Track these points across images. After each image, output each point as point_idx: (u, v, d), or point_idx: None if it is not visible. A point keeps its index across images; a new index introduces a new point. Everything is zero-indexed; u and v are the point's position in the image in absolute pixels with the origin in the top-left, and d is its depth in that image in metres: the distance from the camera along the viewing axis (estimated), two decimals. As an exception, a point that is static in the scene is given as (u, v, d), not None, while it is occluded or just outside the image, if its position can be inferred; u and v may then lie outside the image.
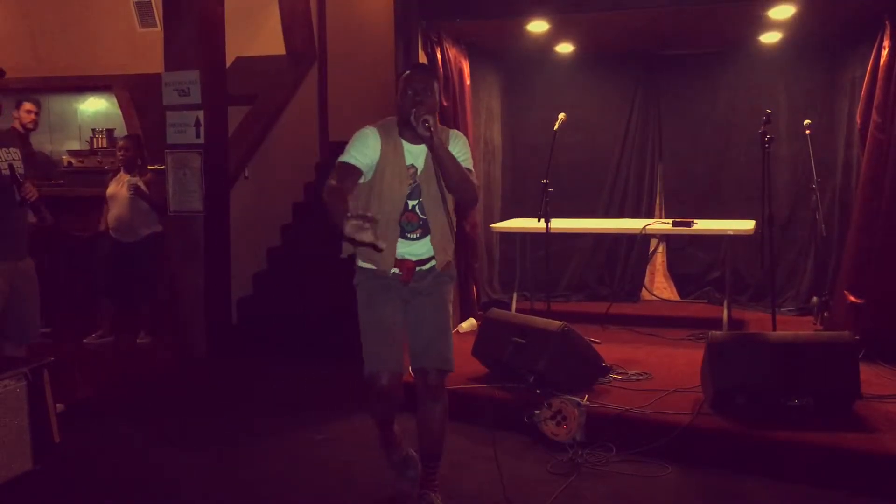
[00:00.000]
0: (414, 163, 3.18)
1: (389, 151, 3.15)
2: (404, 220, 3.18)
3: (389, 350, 3.22)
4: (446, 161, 3.06)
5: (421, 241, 3.21)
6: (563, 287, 7.07)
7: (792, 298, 6.49)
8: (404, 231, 3.19)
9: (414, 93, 3.09)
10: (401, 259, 3.20)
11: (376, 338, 3.23)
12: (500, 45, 6.45)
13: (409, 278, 3.21)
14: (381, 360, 3.20)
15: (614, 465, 3.79)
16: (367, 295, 3.26)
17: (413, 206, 3.19)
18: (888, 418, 3.91)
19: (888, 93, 4.80)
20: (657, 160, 6.99)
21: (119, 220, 5.99)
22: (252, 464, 3.97)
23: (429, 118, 2.98)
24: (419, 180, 3.18)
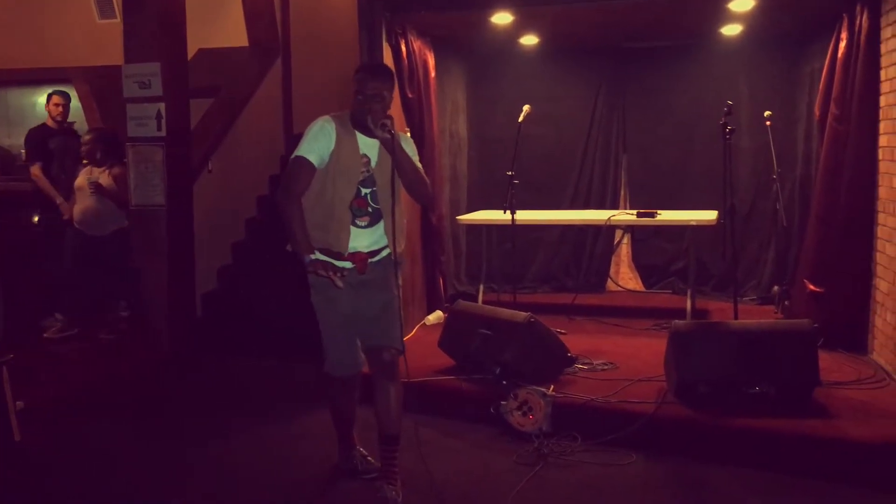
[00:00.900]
0: (367, 153, 3.27)
1: (345, 141, 3.24)
2: (355, 205, 3.25)
3: (349, 348, 3.36)
4: (403, 162, 3.21)
5: (370, 229, 3.29)
6: (529, 278, 7.10)
7: (754, 288, 6.59)
8: (353, 217, 3.26)
9: (364, 98, 3.18)
10: (353, 252, 3.27)
11: (336, 338, 3.36)
12: (465, 38, 6.44)
13: (364, 270, 3.29)
14: (341, 354, 3.36)
15: (580, 454, 3.82)
16: (324, 293, 3.31)
17: (365, 194, 3.27)
18: (847, 405, 3.99)
19: (846, 85, 4.88)
20: (622, 152, 7.04)
21: (85, 212, 5.89)
22: (221, 461, 3.94)
23: (387, 121, 3.11)
24: (373, 171, 3.27)
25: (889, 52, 4.52)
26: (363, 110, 3.17)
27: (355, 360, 3.41)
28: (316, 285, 3.34)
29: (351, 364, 3.41)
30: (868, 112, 4.70)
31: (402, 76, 5.43)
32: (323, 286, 3.28)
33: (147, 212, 5.60)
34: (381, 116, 3.13)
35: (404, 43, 5.46)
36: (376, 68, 3.45)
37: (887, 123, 4.56)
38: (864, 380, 4.36)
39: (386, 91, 3.23)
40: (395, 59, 5.37)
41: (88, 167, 5.95)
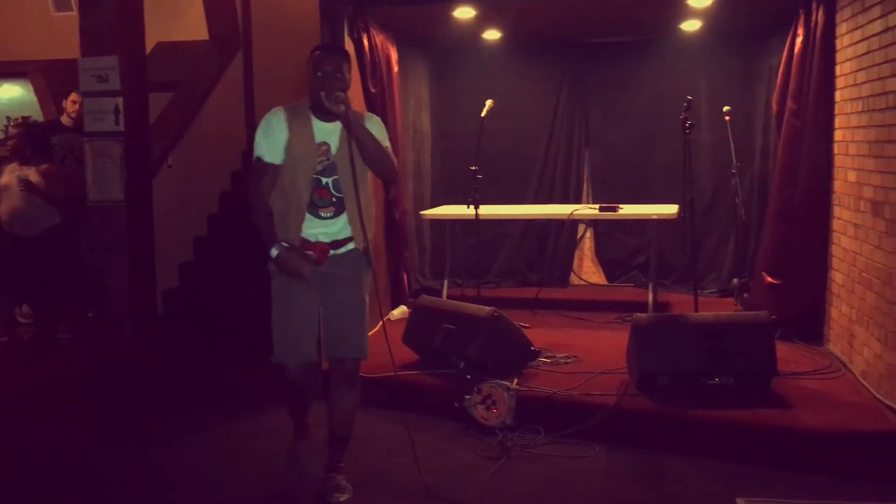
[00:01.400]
0: (327, 140, 3.19)
1: (298, 129, 3.16)
2: (316, 196, 3.18)
3: (299, 340, 3.25)
4: (361, 136, 3.09)
5: (335, 219, 3.21)
6: (493, 273, 7.12)
7: (714, 280, 6.68)
8: (317, 208, 3.19)
9: (323, 75, 3.09)
10: (314, 241, 3.20)
11: (286, 328, 3.26)
12: (428, 32, 6.43)
13: (322, 261, 3.19)
14: (289, 351, 3.26)
15: (543, 447, 3.85)
16: (281, 283, 3.24)
17: (326, 183, 3.19)
18: (804, 394, 4.06)
19: (802, 81, 4.96)
20: (584, 146, 7.08)
21: (12, 213, 5.78)
22: (185, 459, 3.90)
23: (341, 94, 3.01)
24: (334, 158, 3.18)
25: (844, 48, 4.60)
26: (320, 88, 3.07)
27: (303, 352, 3.28)
28: (276, 273, 3.26)
29: (296, 349, 3.27)
30: (824, 107, 4.79)
31: (365, 71, 5.41)
32: (282, 280, 3.22)
33: (105, 208, 5.52)
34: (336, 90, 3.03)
35: (367, 37, 5.43)
36: (333, 46, 3.33)
37: (842, 118, 4.65)
38: (820, 370, 4.44)
39: (345, 68, 3.15)
40: (358, 54, 5.34)
41: (13, 165, 5.85)
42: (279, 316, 3.28)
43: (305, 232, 3.20)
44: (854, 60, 4.41)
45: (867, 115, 4.19)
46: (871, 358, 4.12)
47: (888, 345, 3.86)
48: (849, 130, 4.51)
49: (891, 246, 3.83)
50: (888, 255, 3.86)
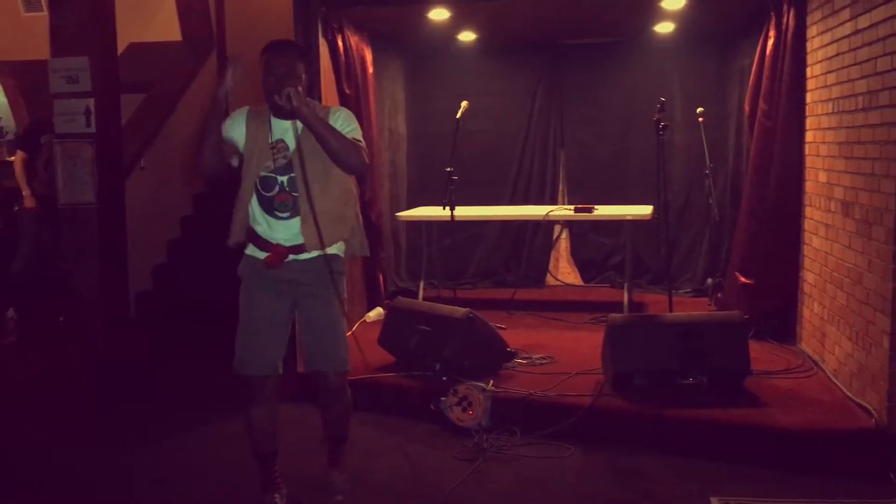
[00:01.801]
0: (284, 138, 3.09)
1: (255, 128, 3.10)
2: (278, 201, 3.07)
3: (260, 352, 3.12)
4: (319, 128, 2.96)
5: (293, 220, 3.07)
6: (469, 274, 7.12)
7: (688, 280, 6.73)
8: (273, 211, 3.09)
9: (276, 80, 2.99)
10: (274, 244, 3.08)
11: (248, 338, 3.14)
12: (403, 33, 6.42)
13: (276, 264, 3.07)
14: (251, 361, 3.13)
15: (519, 448, 3.85)
16: (247, 290, 3.16)
17: (282, 183, 3.07)
18: (777, 393, 4.10)
19: (774, 81, 5.01)
20: (560, 147, 7.11)
21: None
22: (158, 462, 3.87)
23: (290, 89, 2.90)
24: (292, 157, 3.06)
25: (814, 50, 4.65)
26: (272, 89, 2.98)
27: (265, 363, 3.13)
28: (244, 276, 3.18)
29: (256, 361, 3.13)
30: (795, 108, 4.83)
31: (340, 72, 5.39)
32: (251, 280, 3.16)
33: (77, 210, 5.45)
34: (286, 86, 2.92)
35: (341, 38, 5.41)
36: (281, 43, 3.13)
37: (813, 120, 4.70)
38: (792, 369, 4.49)
39: (298, 67, 3.04)
40: (332, 55, 5.32)
41: None
42: (244, 322, 3.16)
43: (268, 235, 3.10)
44: (824, 62, 4.46)
45: (837, 117, 4.24)
46: (842, 357, 4.17)
47: (858, 343, 3.90)
48: (819, 131, 4.57)
49: (860, 246, 3.88)
50: (858, 255, 3.91)
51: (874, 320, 3.69)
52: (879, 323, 3.63)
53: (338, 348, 3.18)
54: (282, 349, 3.18)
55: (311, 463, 3.60)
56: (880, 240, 3.62)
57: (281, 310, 3.16)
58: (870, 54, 3.76)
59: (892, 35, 3.49)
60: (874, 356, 3.70)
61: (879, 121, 3.65)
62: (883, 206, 3.60)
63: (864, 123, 3.85)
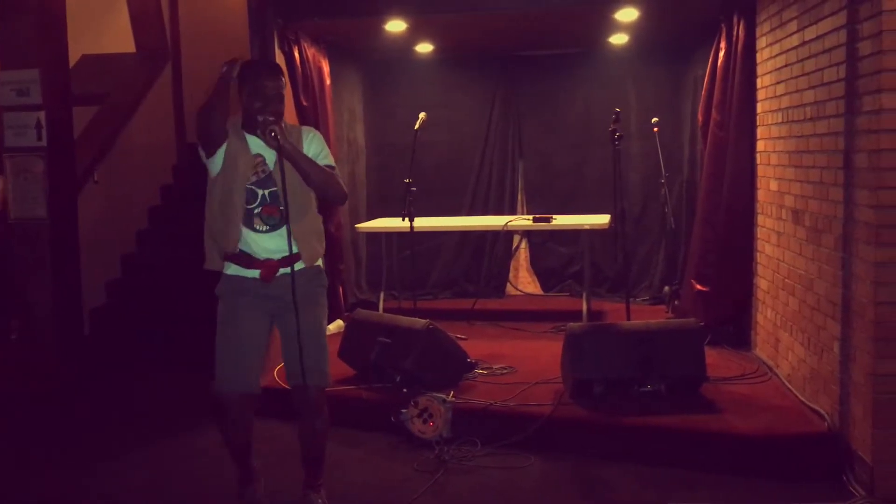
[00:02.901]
0: (261, 152, 3.09)
1: (235, 142, 3.08)
2: (265, 213, 3.07)
3: (242, 370, 3.09)
4: (302, 164, 3.02)
5: (275, 232, 3.07)
6: (430, 285, 7.12)
7: (646, 288, 6.81)
8: (252, 225, 3.07)
9: (266, 100, 3.00)
10: (263, 259, 3.07)
11: (229, 357, 3.10)
12: (360, 45, 6.42)
13: (270, 278, 3.07)
14: (232, 381, 3.09)
15: (480, 458, 3.85)
16: (228, 308, 3.12)
17: (263, 196, 3.07)
18: (732, 399, 4.16)
19: (725, 92, 5.10)
20: (518, 157, 7.16)
21: None
22: (112, 481, 3.79)
23: (275, 128, 2.93)
24: (270, 171, 3.07)
25: (764, 61, 4.75)
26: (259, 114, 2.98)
27: (245, 382, 3.11)
28: (224, 295, 3.14)
29: (239, 379, 3.10)
30: (746, 118, 4.93)
31: (297, 84, 5.36)
32: (229, 299, 3.11)
33: (27, 225, 5.34)
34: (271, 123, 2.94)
35: (298, 50, 5.39)
36: (272, 66, 3.14)
37: (763, 129, 4.79)
38: (747, 375, 4.56)
39: (283, 89, 3.09)
40: (289, 67, 5.30)
41: None
42: (224, 342, 3.11)
43: (250, 248, 3.08)
44: (773, 73, 4.56)
45: (787, 126, 4.33)
46: (795, 362, 4.24)
47: (811, 349, 3.98)
48: (770, 141, 4.66)
49: (811, 253, 3.96)
50: (808, 262, 3.99)
51: (825, 326, 3.77)
52: (830, 328, 3.70)
53: (321, 362, 3.15)
54: (262, 367, 3.17)
55: (281, 479, 3.57)
56: (829, 247, 3.70)
57: (263, 328, 3.14)
58: (817, 65, 3.85)
59: (838, 46, 3.58)
60: (826, 361, 3.77)
61: (827, 130, 3.74)
62: (832, 214, 3.68)
63: (812, 133, 3.94)
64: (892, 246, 3.24)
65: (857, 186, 3.43)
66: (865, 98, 3.35)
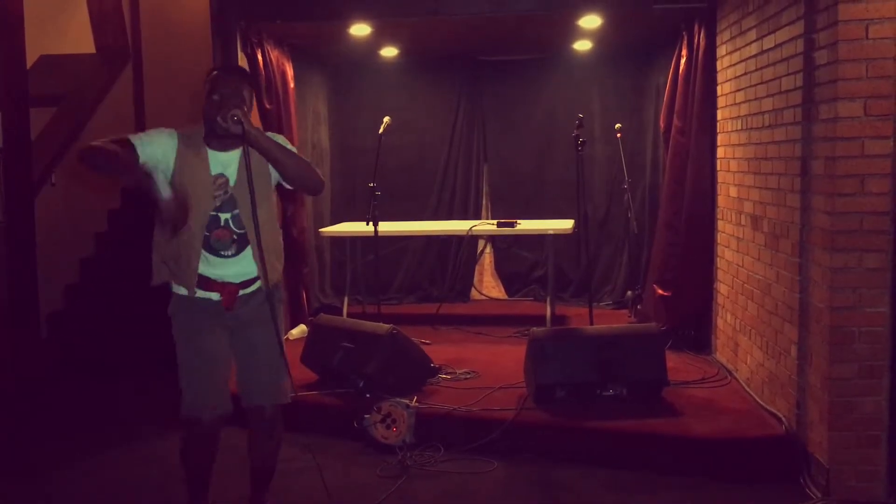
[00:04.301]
0: (223, 172, 2.88)
1: (190, 160, 2.84)
2: (214, 238, 2.86)
3: (214, 392, 2.94)
4: (273, 150, 2.77)
5: (238, 257, 2.90)
6: (394, 289, 7.10)
7: (609, 293, 6.86)
8: (217, 250, 2.88)
9: (220, 98, 2.78)
10: (221, 282, 2.90)
11: (199, 379, 2.93)
12: (324, 48, 6.39)
13: (232, 304, 2.92)
14: (206, 405, 2.92)
15: (443, 464, 3.85)
16: (185, 327, 2.95)
17: (226, 221, 2.87)
18: (692, 403, 4.21)
19: (686, 99, 5.16)
20: (483, 161, 7.17)
21: None
22: (69, 490, 3.72)
23: (237, 112, 2.69)
24: (232, 191, 2.87)
25: (724, 68, 4.82)
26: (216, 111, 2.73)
27: (218, 403, 2.95)
28: (177, 316, 2.97)
29: (210, 400, 2.93)
30: (707, 125, 4.99)
31: (260, 87, 5.31)
32: (185, 318, 2.95)
33: (-18, 228, 5.22)
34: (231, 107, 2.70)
35: (261, 52, 5.35)
36: (232, 67, 2.96)
37: (723, 136, 4.86)
38: (707, 378, 4.61)
39: (245, 91, 2.86)
40: (252, 69, 5.24)
41: None
42: (188, 364, 2.93)
43: (209, 272, 2.90)
44: (733, 81, 4.62)
45: (746, 134, 4.40)
46: (753, 366, 4.30)
47: (769, 353, 4.04)
48: (730, 147, 4.72)
49: (769, 258, 4.02)
50: (767, 267, 4.05)
51: (782, 330, 3.83)
52: (787, 333, 3.76)
53: (280, 380, 3.02)
54: (228, 383, 3.01)
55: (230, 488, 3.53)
56: (787, 252, 3.76)
57: (226, 344, 2.98)
58: (775, 73, 3.92)
59: (796, 55, 3.64)
60: (783, 365, 3.83)
61: (784, 137, 3.80)
62: (789, 220, 3.74)
63: (770, 140, 4.00)
64: (848, 251, 3.30)
65: (814, 193, 3.49)
66: (822, 106, 3.41)
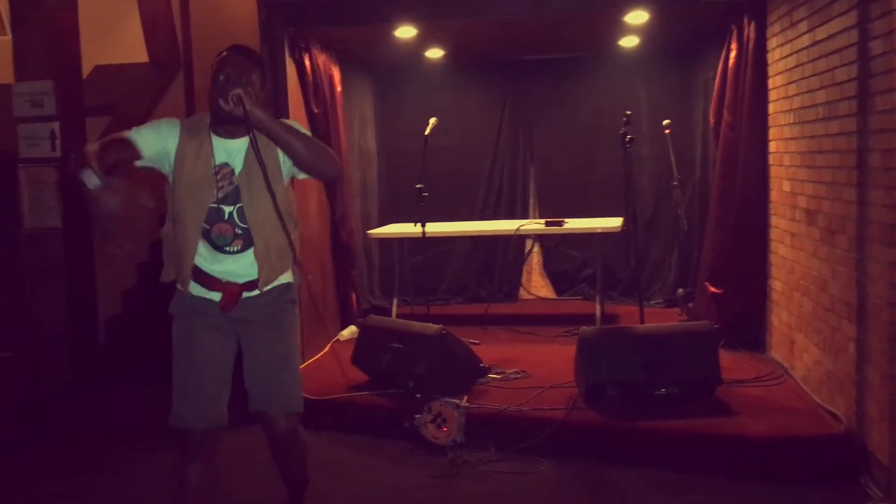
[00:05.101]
0: (228, 161, 2.67)
1: (192, 150, 2.65)
2: (216, 232, 2.66)
3: (206, 400, 2.71)
4: (280, 132, 2.52)
5: (243, 254, 2.69)
6: (443, 290, 7.12)
7: (659, 291, 6.78)
8: (220, 246, 2.68)
9: (226, 78, 2.57)
10: (224, 281, 2.69)
11: (191, 385, 2.71)
12: (370, 52, 6.44)
13: (231, 306, 2.69)
14: (194, 414, 2.70)
15: (493, 464, 3.84)
16: (184, 330, 2.75)
17: (230, 213, 2.66)
18: (747, 402, 4.13)
19: (737, 93, 5.08)
20: (529, 161, 7.15)
21: None
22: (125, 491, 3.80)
23: (237, 91, 2.48)
24: (237, 182, 2.66)
25: (775, 61, 4.73)
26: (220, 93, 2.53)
27: (210, 415, 2.71)
28: (177, 316, 2.77)
29: (201, 413, 2.70)
30: (758, 119, 4.91)
31: (308, 91, 5.39)
32: (184, 320, 2.75)
33: (41, 235, 5.39)
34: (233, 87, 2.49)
35: (308, 57, 5.42)
36: (241, 47, 2.72)
37: (775, 130, 4.77)
38: (762, 377, 4.52)
39: (254, 73, 2.63)
40: (300, 74, 5.33)
41: None
42: (182, 369, 2.73)
43: (211, 269, 2.70)
44: (785, 74, 4.53)
45: (799, 127, 4.31)
46: (810, 364, 4.21)
47: (826, 350, 3.95)
48: (782, 142, 4.63)
49: (825, 254, 3.93)
50: (823, 263, 3.96)
51: (840, 327, 3.74)
52: (845, 329, 3.67)
53: (291, 388, 2.81)
54: (227, 395, 2.77)
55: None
56: (843, 248, 3.68)
57: (227, 352, 2.77)
58: (828, 65, 3.83)
59: (849, 46, 3.56)
60: (841, 363, 3.74)
61: (839, 130, 3.71)
62: (845, 215, 3.65)
63: (824, 133, 3.91)
64: (907, 246, 3.21)
65: (871, 186, 3.41)
66: (878, 97, 3.32)
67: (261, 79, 2.68)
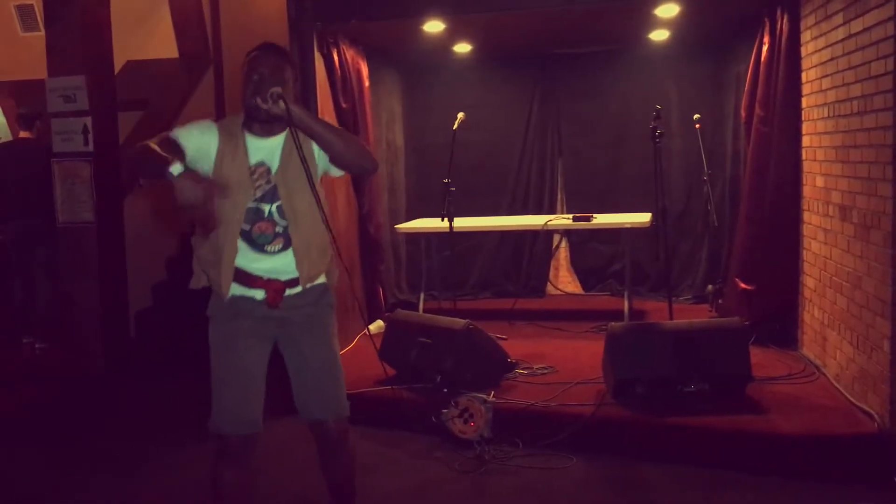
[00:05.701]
0: (264, 160, 2.67)
1: (229, 151, 2.65)
2: (257, 231, 2.66)
3: (244, 407, 2.70)
4: (318, 129, 2.57)
5: (285, 252, 2.68)
6: (470, 285, 7.11)
7: (689, 287, 6.71)
8: (261, 245, 2.67)
9: (260, 78, 2.59)
10: (266, 279, 2.68)
11: (230, 391, 2.70)
12: (398, 46, 6.44)
13: (277, 302, 2.68)
14: (232, 419, 2.70)
15: (520, 459, 3.84)
16: (222, 333, 2.73)
17: (269, 212, 2.66)
18: (778, 399, 4.08)
19: (769, 87, 5.01)
20: (557, 156, 7.11)
21: None
22: (156, 485, 3.85)
23: (277, 89, 2.51)
24: (275, 180, 2.66)
25: (808, 55, 4.66)
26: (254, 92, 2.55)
27: (247, 420, 2.71)
28: (215, 319, 2.76)
29: (242, 417, 2.71)
30: (791, 113, 4.83)
31: (336, 86, 5.40)
32: (223, 323, 2.73)
33: (75, 229, 5.46)
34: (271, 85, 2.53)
35: (336, 52, 5.43)
36: (271, 45, 2.74)
37: (809, 124, 4.70)
38: (794, 374, 4.47)
39: (287, 71, 2.66)
40: (328, 69, 5.34)
41: None
42: (221, 374, 2.72)
43: (251, 267, 2.68)
44: (819, 67, 4.46)
45: (833, 121, 4.24)
46: (843, 361, 4.15)
47: (859, 348, 3.89)
48: (816, 136, 4.56)
49: (859, 250, 3.87)
50: (857, 259, 3.90)
51: (874, 324, 3.68)
52: (879, 327, 3.61)
53: (337, 391, 2.81)
54: (262, 401, 2.77)
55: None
56: (878, 244, 3.62)
57: (263, 357, 2.77)
58: (864, 58, 3.77)
59: (886, 39, 3.49)
60: (875, 360, 3.68)
61: (875, 124, 3.65)
62: (880, 210, 3.59)
63: (859, 127, 3.85)
64: (944, 242, 3.15)
65: (907, 181, 3.34)
66: (915, 90, 3.26)
67: (292, 76, 2.71)
